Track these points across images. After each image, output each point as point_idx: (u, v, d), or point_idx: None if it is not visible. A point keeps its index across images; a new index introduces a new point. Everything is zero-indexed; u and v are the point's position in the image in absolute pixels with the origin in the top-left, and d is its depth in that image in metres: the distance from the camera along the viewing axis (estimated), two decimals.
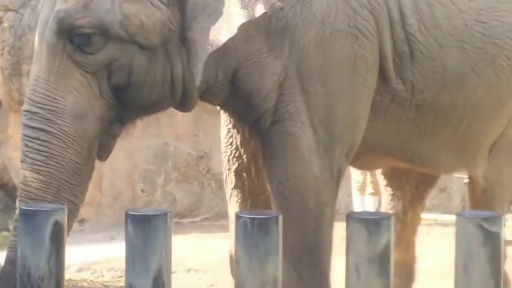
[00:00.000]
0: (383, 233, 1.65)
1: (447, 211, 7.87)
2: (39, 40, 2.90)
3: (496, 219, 1.79)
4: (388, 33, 3.42)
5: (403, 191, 4.80)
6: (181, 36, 2.90)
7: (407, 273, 4.81)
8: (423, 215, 5.49)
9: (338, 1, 3.26)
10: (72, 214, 2.76)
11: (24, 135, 2.76)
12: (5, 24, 8.07)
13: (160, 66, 3.02)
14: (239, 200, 3.71)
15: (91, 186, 8.79)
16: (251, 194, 3.69)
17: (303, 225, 3.34)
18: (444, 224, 6.87)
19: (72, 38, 2.78)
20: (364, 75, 3.40)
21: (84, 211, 7.82)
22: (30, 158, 2.75)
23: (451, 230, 2.07)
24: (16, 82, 8.43)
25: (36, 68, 2.83)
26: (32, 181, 2.72)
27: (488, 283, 1.79)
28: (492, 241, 1.81)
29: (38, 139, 2.71)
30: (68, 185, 2.78)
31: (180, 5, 2.91)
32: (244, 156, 3.66)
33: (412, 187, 4.84)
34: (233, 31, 2.76)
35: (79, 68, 2.83)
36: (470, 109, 3.94)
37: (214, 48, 2.77)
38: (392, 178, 4.88)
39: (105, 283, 6.13)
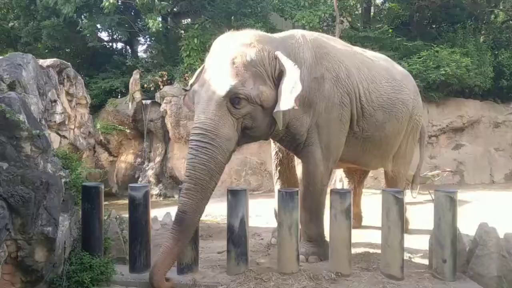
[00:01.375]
0: (347, 198, 4.86)
1: (377, 188, 11.03)
2: (204, 102, 4.56)
3: (401, 192, 4.88)
4: (354, 105, 5.44)
5: (353, 178, 7.64)
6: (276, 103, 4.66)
7: (358, 218, 7.62)
8: (365, 190, 8.57)
9: (334, 89, 5.18)
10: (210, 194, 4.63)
11: (196, 145, 4.44)
12: (172, 101, 13.49)
13: (268, 119, 4.77)
14: (280, 183, 6.05)
15: None
16: (286, 181, 6.04)
17: (314, 194, 5.34)
18: (376, 194, 8.33)
19: (232, 99, 4.45)
20: (344, 124, 5.42)
21: None
22: (199, 157, 4.38)
23: (379, 198, 4.69)
24: (178, 128, 13.44)
25: (205, 115, 4.47)
26: (199, 168, 4.38)
27: (398, 222, 4.75)
28: (400, 202, 4.77)
29: (206, 148, 4.36)
30: (217, 174, 4.53)
31: (276, 89, 4.75)
32: (283, 162, 6.07)
33: (357, 176, 7.58)
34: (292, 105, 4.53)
35: (231, 115, 4.51)
36: (386, 138, 6.13)
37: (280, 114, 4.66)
38: (349, 172, 7.73)
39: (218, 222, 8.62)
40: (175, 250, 4.48)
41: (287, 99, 4.49)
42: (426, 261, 5.49)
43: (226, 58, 4.59)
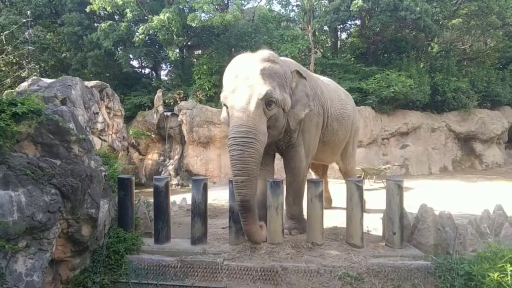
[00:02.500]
0: (320, 186, 4.95)
1: (341, 178, 9.45)
2: (243, 104, 4.20)
3: (360, 181, 5.08)
4: (326, 116, 5.64)
5: (318, 171, 7.66)
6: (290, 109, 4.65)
7: (328, 200, 7.61)
8: (334, 180, 9.43)
9: (314, 102, 5.20)
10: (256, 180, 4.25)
11: (243, 141, 4.06)
12: (187, 113, 13.39)
13: (284, 119, 4.70)
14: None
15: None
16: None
17: (298, 183, 5.32)
18: (343, 183, 7.00)
19: (267, 102, 4.26)
20: (319, 129, 5.56)
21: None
22: (248, 151, 4.04)
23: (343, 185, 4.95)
24: (191, 134, 13.31)
25: (246, 114, 4.16)
26: (250, 161, 4.08)
27: (358, 204, 4.84)
28: (360, 189, 4.89)
29: (252, 142, 4.08)
30: (259, 162, 4.24)
31: (291, 98, 4.68)
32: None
33: (321, 169, 7.61)
34: (303, 115, 4.79)
35: (265, 115, 4.30)
36: (338, 142, 6.36)
37: (299, 119, 4.78)
38: (313, 167, 7.58)
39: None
40: (256, 227, 4.37)
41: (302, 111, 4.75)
42: (380, 233, 5.50)
43: (255, 69, 4.30)
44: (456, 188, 11.13)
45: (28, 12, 14.41)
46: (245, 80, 4.28)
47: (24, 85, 7.13)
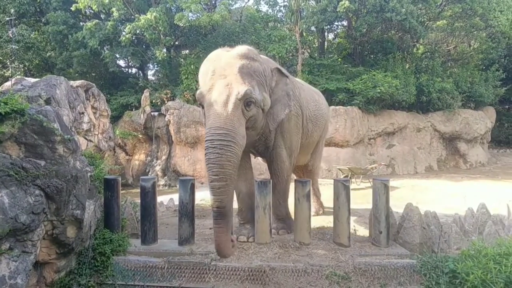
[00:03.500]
0: (307, 186, 5.14)
1: (330, 178, 10.09)
2: (220, 104, 4.02)
3: (347, 181, 5.02)
4: (304, 117, 5.61)
5: (297, 172, 7.36)
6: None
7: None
8: (320, 180, 8.82)
9: (294, 104, 5.13)
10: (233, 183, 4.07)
11: (220, 144, 3.87)
12: (174, 113, 13.32)
13: (264, 120, 4.60)
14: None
15: None
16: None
17: (281, 183, 5.39)
18: (330, 184, 7.77)
19: (246, 102, 4.09)
20: (299, 129, 5.54)
21: None
22: (226, 155, 3.87)
23: (330, 186, 4.93)
24: (179, 134, 13.23)
25: (224, 114, 3.98)
26: (227, 165, 3.89)
27: (345, 204, 4.89)
28: (347, 188, 5.03)
29: (230, 146, 3.89)
30: (237, 166, 4.06)
31: (270, 97, 4.57)
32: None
33: (300, 171, 7.32)
34: (283, 116, 4.72)
35: (244, 116, 4.14)
36: (312, 143, 6.42)
37: (280, 120, 4.71)
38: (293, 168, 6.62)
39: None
40: (227, 238, 4.01)
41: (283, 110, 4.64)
42: (367, 233, 5.57)
43: (233, 67, 4.13)
44: (441, 187, 11.31)
45: (12, 11, 14.24)
46: (223, 78, 4.10)
47: (7, 84, 7.02)
